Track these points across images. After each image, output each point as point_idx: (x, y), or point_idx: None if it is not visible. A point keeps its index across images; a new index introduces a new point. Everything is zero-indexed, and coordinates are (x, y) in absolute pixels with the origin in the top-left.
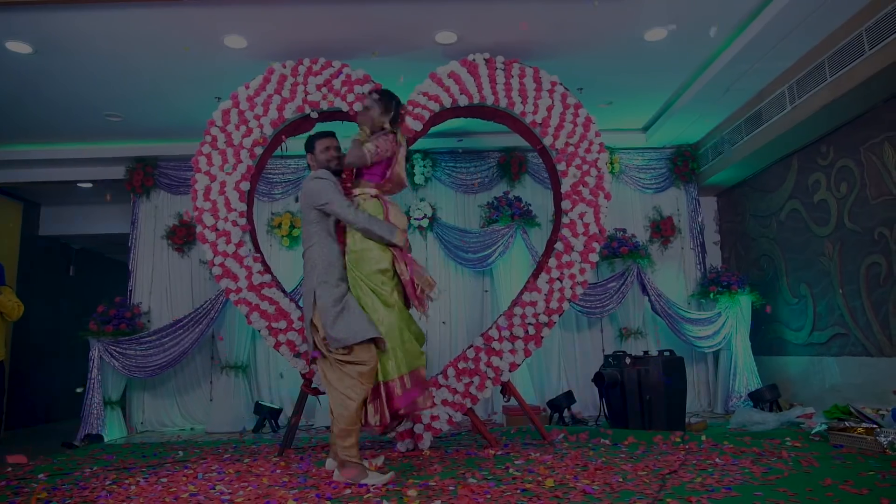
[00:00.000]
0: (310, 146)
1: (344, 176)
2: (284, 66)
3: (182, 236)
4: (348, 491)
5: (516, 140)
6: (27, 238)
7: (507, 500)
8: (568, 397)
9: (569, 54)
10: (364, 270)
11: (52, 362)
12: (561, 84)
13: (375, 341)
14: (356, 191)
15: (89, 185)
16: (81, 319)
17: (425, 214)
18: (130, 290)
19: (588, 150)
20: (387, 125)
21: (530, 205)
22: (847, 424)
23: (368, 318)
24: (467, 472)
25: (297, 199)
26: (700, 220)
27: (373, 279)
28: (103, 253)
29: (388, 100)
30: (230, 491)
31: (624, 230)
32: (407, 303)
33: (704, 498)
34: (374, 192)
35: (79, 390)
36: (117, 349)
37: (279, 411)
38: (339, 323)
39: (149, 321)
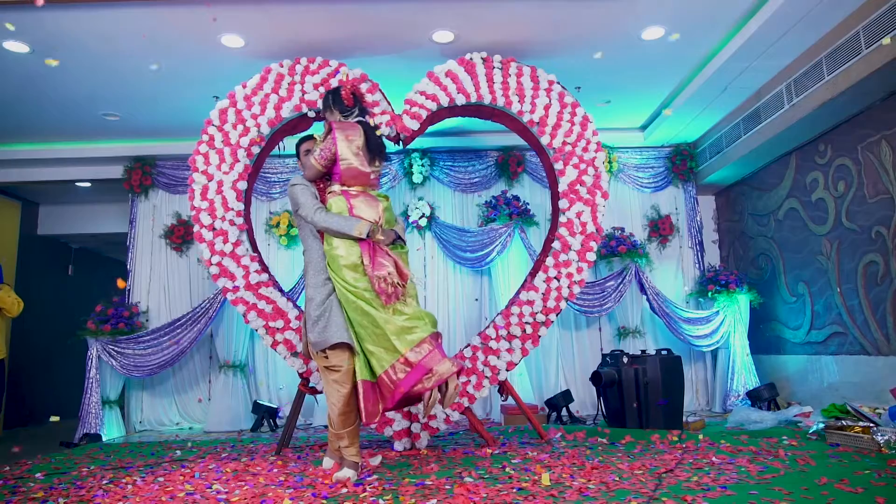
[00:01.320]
0: (297, 150)
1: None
2: (282, 66)
3: (180, 235)
4: (344, 490)
5: (515, 139)
6: (25, 237)
7: (503, 499)
8: (566, 396)
9: (566, 53)
10: (335, 268)
11: (50, 362)
12: (558, 83)
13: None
14: (334, 188)
15: (87, 184)
16: (80, 319)
17: (423, 213)
18: (129, 290)
19: (585, 149)
20: (343, 118)
21: (528, 204)
22: (844, 423)
23: (344, 321)
24: (464, 471)
25: None
26: (698, 218)
27: (344, 276)
28: (101, 252)
29: (324, 101)
30: (227, 490)
31: (622, 229)
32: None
33: (700, 497)
34: (339, 188)
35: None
36: (115, 348)
37: (277, 410)
38: (317, 326)
39: (147, 320)
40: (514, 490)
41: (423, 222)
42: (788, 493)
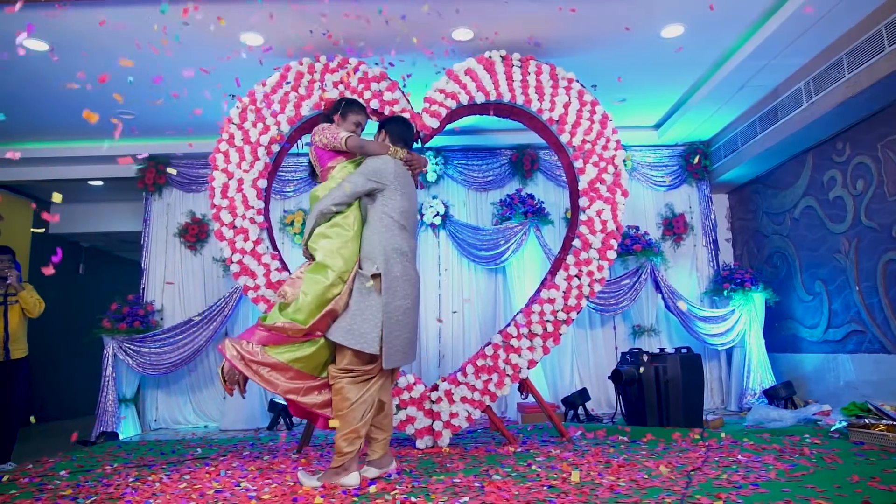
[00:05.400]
0: None
1: None
2: (301, 64)
3: (194, 234)
4: (373, 489)
5: (528, 137)
6: (37, 236)
7: (535, 497)
8: (582, 395)
9: (584, 51)
10: None
11: (61, 360)
12: (577, 81)
13: None
14: None
15: (100, 182)
16: (90, 318)
17: (438, 212)
18: (143, 288)
19: (605, 147)
20: None
21: (543, 202)
22: (867, 421)
23: None
24: (490, 469)
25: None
26: (712, 217)
27: None
28: (112, 251)
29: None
30: (255, 488)
31: (637, 227)
32: None
33: (733, 495)
34: None
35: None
36: (131, 346)
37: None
38: None
39: (161, 319)
40: (545, 488)
41: (438, 221)
42: (822, 491)
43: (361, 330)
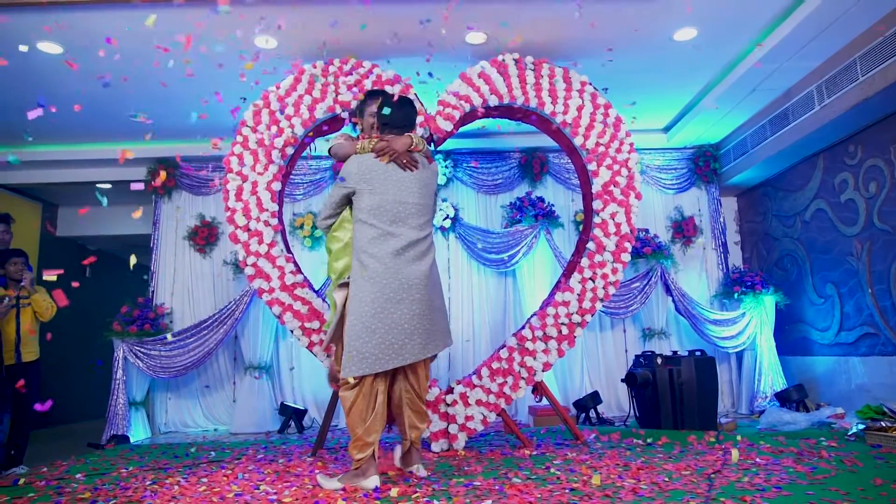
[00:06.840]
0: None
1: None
2: (315, 67)
3: (204, 237)
4: (394, 492)
5: (537, 140)
6: (45, 239)
7: (558, 500)
8: (594, 398)
9: (596, 54)
10: None
11: (67, 363)
12: (590, 84)
13: None
14: None
15: (108, 186)
16: (97, 321)
17: (447, 215)
18: (153, 291)
19: (619, 150)
20: None
21: (553, 205)
22: (884, 424)
23: None
24: (509, 472)
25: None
26: (721, 220)
27: None
28: (118, 254)
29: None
30: (275, 491)
31: (646, 230)
32: None
33: (758, 497)
34: None
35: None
36: (142, 350)
37: (304, 412)
38: None
39: (171, 322)
40: (567, 491)
41: (447, 224)
42: (846, 494)
43: (329, 333)
